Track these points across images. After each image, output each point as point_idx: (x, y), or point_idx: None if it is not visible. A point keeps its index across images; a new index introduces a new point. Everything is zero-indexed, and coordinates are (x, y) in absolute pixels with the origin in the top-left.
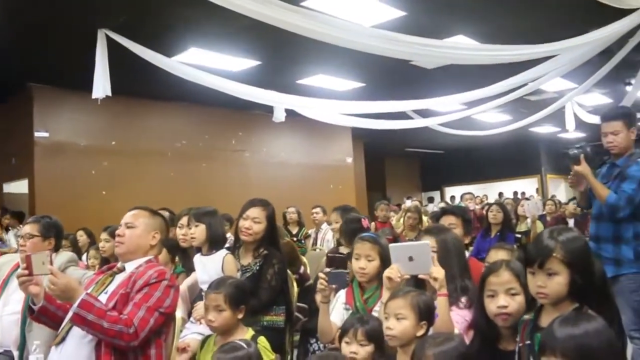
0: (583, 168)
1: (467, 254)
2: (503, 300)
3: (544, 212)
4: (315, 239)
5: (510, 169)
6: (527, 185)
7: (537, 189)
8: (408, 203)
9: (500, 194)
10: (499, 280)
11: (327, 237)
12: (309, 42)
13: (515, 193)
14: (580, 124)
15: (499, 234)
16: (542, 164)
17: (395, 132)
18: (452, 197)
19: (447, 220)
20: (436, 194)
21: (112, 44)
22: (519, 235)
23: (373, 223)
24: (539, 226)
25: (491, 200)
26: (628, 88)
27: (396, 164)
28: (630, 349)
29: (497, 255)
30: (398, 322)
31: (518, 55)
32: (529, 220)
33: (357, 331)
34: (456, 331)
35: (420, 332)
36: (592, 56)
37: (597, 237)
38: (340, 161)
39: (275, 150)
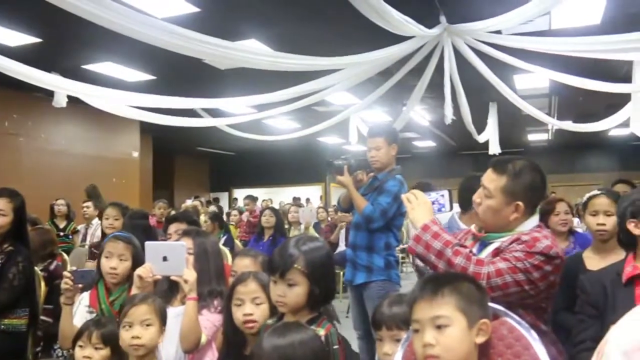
0: (345, 178)
1: None
2: (249, 309)
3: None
4: (85, 235)
5: (298, 176)
6: (312, 192)
7: (320, 197)
8: (188, 202)
9: (295, 199)
10: (246, 290)
11: (97, 234)
12: (98, 25)
13: (298, 199)
14: (362, 138)
15: (271, 238)
16: (327, 172)
17: (186, 129)
18: (235, 200)
19: (174, 228)
20: (225, 195)
21: None
22: None
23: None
24: (312, 233)
25: (275, 204)
26: (404, 108)
27: (186, 162)
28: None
29: (242, 262)
30: (146, 330)
31: (305, 65)
32: (302, 226)
33: (91, 334)
34: (204, 337)
35: (162, 338)
36: (373, 74)
37: (354, 245)
38: (125, 155)
39: (55, 137)
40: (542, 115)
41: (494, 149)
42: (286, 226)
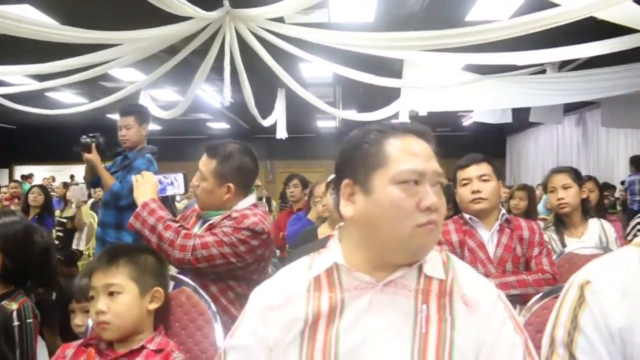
0: (93, 156)
1: None
2: None
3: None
4: None
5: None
6: None
7: None
8: None
9: (72, 177)
10: None
11: None
12: None
13: (72, 177)
14: (154, 118)
15: (37, 217)
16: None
17: None
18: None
19: None
20: (5, 172)
21: None
22: (64, 220)
23: None
24: (86, 212)
25: (59, 182)
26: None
27: None
28: None
29: None
30: None
31: (80, 38)
32: (74, 205)
33: None
34: None
35: None
36: (156, 51)
37: (103, 223)
38: None
39: None
40: (321, 104)
41: (281, 133)
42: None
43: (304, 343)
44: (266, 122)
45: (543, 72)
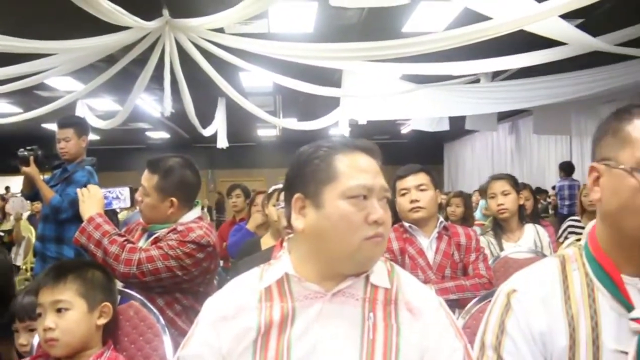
0: (31, 170)
1: None
2: None
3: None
4: None
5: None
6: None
7: None
8: None
9: (7, 188)
10: None
11: None
12: None
13: (7, 188)
14: (91, 128)
15: None
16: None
17: None
18: None
19: None
20: None
21: None
22: (1, 233)
23: None
24: (24, 225)
25: None
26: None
27: None
28: None
29: None
30: None
31: (16, 47)
32: (12, 217)
33: None
34: None
35: None
36: (93, 61)
37: (43, 236)
38: None
39: None
40: (261, 113)
41: (222, 143)
42: None
43: (257, 352)
44: (207, 132)
45: (477, 81)
